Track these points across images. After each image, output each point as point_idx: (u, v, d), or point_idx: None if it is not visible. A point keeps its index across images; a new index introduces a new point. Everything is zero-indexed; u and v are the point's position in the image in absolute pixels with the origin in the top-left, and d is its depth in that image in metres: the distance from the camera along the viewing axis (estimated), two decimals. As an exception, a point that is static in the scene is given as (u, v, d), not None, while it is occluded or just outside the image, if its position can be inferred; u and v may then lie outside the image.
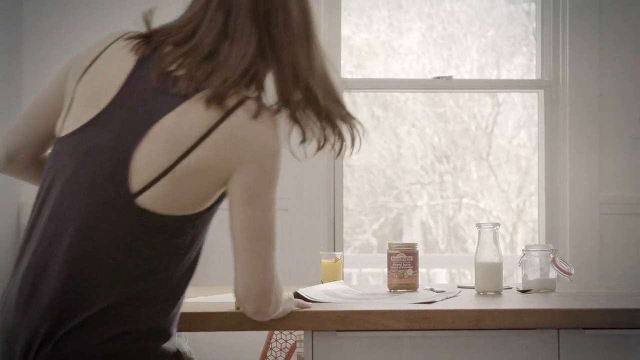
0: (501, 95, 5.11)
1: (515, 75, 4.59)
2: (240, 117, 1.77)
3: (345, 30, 4.39)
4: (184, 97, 1.76)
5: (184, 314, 2.11)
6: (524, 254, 2.74)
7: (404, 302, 2.34)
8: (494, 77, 4.66)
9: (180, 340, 3.26)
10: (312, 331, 2.17)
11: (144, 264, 1.74)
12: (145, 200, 1.73)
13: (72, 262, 1.72)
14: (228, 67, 1.79)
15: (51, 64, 3.75)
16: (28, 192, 3.37)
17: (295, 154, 1.87)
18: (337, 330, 2.16)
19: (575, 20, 4.04)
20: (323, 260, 2.78)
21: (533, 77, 4.26)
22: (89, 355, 1.69)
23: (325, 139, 1.87)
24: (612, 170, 4.04)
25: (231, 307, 2.15)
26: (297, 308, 2.18)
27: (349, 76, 4.47)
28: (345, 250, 4.20)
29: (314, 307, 2.22)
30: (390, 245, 2.71)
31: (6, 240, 3.81)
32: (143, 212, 1.73)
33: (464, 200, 5.26)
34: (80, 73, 1.85)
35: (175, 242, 1.77)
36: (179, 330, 1.90)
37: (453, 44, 4.61)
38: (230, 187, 1.79)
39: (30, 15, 3.98)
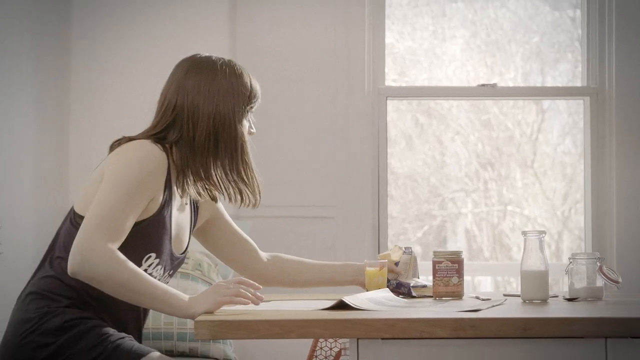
0: (546, 102, 5.07)
1: (560, 82, 4.56)
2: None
3: (389, 38, 4.39)
4: None
5: (229, 322, 2.12)
6: (571, 262, 2.72)
7: (449, 310, 2.33)
8: (538, 84, 4.64)
9: (225, 347, 3.27)
10: (358, 339, 2.17)
11: None
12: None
13: None
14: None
15: (98, 73, 3.80)
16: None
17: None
18: (383, 338, 2.16)
19: (621, 26, 4.01)
20: (368, 269, 2.78)
21: (578, 84, 4.23)
22: None
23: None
24: (659, 177, 4.00)
25: (277, 315, 2.15)
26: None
27: (393, 84, 4.47)
28: (389, 258, 4.19)
29: (360, 315, 2.22)
30: (435, 253, 2.70)
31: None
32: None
33: (509, 207, 5.23)
34: None
35: None
36: (226, 337, 1.90)
37: (497, 51, 4.59)
38: None
39: (78, 22, 4.03)
